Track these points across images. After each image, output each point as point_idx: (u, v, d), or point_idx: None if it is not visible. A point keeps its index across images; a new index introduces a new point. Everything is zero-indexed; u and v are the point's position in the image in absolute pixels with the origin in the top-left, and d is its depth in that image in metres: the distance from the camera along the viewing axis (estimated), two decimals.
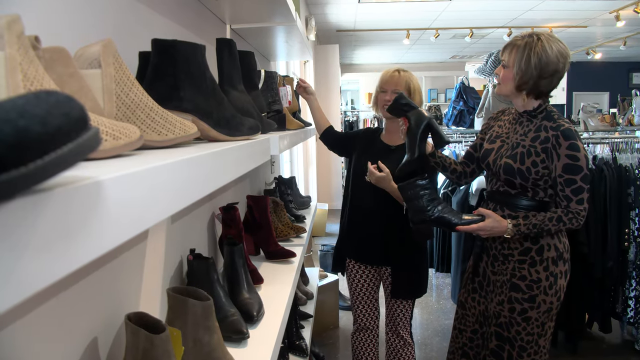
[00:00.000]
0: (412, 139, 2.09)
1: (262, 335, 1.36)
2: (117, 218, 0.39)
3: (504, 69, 2.04)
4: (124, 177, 0.40)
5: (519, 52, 1.97)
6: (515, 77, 1.98)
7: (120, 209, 0.40)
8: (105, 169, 0.43)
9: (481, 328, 2.20)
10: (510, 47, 2.02)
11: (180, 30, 1.58)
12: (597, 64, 12.00)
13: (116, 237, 0.39)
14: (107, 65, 0.72)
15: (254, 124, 1.09)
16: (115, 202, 0.39)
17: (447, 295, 4.73)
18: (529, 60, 1.94)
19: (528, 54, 1.94)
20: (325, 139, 2.78)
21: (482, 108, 3.94)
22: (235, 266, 1.51)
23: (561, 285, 2.01)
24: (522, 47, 1.96)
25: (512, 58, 1.99)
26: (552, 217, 1.92)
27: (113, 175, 0.39)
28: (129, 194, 0.41)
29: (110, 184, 0.38)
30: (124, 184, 0.40)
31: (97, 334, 0.98)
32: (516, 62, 1.97)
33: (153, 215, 0.47)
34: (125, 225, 0.41)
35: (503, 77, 2.04)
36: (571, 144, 1.91)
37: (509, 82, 2.01)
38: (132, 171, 0.42)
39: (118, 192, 0.39)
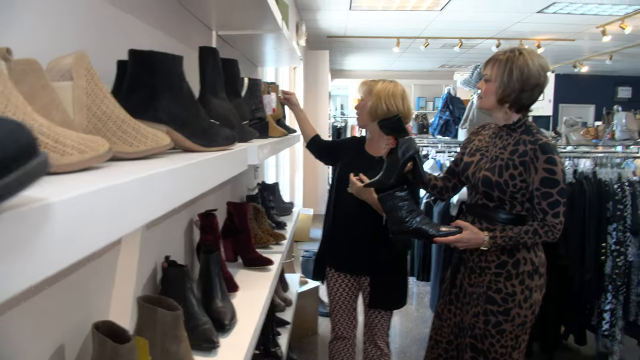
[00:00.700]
0: (393, 164, 2.10)
1: (234, 344, 1.36)
2: (67, 239, 0.39)
3: (486, 83, 2.06)
4: (76, 197, 0.41)
5: (501, 66, 1.99)
6: (498, 91, 2.01)
7: (71, 229, 0.40)
8: (59, 188, 0.43)
9: (456, 339, 2.22)
10: (492, 61, 2.05)
11: (164, 37, 1.59)
12: (583, 77, 12.14)
13: (64, 258, 0.39)
14: (78, 77, 0.72)
15: (230, 134, 1.10)
16: (65, 223, 0.39)
17: (427, 304, 4.74)
18: (511, 74, 1.97)
19: (510, 67, 1.97)
20: (311, 148, 2.79)
21: (466, 119, 3.98)
22: (210, 274, 1.51)
23: (536, 299, 2.04)
24: (504, 62, 1.99)
25: (494, 72, 2.02)
26: (528, 230, 1.95)
27: (64, 196, 0.39)
28: (82, 214, 0.42)
29: (60, 206, 0.38)
30: (76, 204, 0.41)
31: (64, 342, 0.98)
32: (498, 76, 2.00)
33: (110, 232, 0.47)
34: (77, 246, 0.41)
35: (485, 91, 2.06)
36: (548, 158, 1.93)
37: (491, 96, 2.04)
38: (86, 191, 0.43)
39: (69, 213, 0.40)
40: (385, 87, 2.38)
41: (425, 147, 5.10)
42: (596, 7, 6.19)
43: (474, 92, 4.14)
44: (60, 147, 0.59)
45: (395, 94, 2.37)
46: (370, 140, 2.55)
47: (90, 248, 0.43)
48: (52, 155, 0.57)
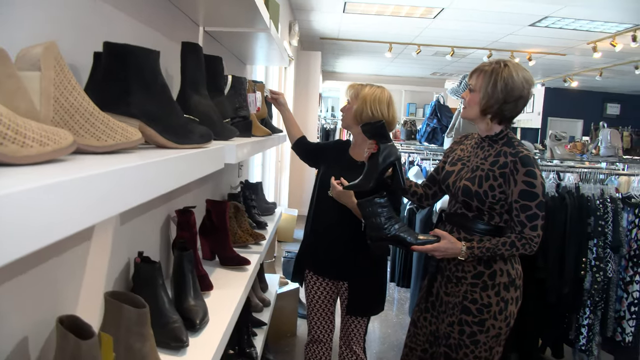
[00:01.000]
0: (373, 168, 2.11)
1: (203, 343, 1.35)
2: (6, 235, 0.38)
3: (471, 93, 2.07)
4: (18, 193, 0.40)
5: (486, 76, 2.00)
6: (481, 101, 2.01)
7: (8, 225, 0.39)
8: (7, 181, 0.42)
9: (431, 348, 2.22)
10: (477, 72, 2.06)
11: (149, 31, 1.57)
12: (573, 92, 12.25)
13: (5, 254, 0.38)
14: (47, 68, 0.71)
15: (206, 131, 1.09)
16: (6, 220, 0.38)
17: (407, 310, 4.75)
18: (496, 85, 1.98)
19: (495, 78, 1.98)
20: (297, 149, 2.79)
21: (452, 128, 3.99)
22: (183, 271, 1.50)
23: (511, 311, 2.04)
24: (489, 73, 2.00)
25: (479, 82, 2.03)
26: (505, 241, 1.95)
27: (5, 191, 0.38)
28: (20, 210, 0.41)
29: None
30: (19, 200, 0.40)
31: (27, 334, 0.96)
32: (483, 86, 2.00)
33: (58, 229, 0.46)
34: (17, 243, 0.40)
35: (469, 101, 2.07)
36: (528, 171, 1.94)
37: (475, 106, 2.05)
38: (32, 186, 0.42)
39: (10, 208, 0.39)
40: (372, 92, 2.38)
41: (412, 154, 5.12)
42: (588, 23, 6.25)
43: (461, 101, 4.16)
44: (20, 138, 0.57)
45: (382, 100, 2.38)
46: (354, 145, 2.55)
47: (25, 248, 0.42)
48: (11, 146, 0.56)
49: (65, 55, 0.77)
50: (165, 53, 1.67)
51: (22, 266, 0.93)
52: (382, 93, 2.41)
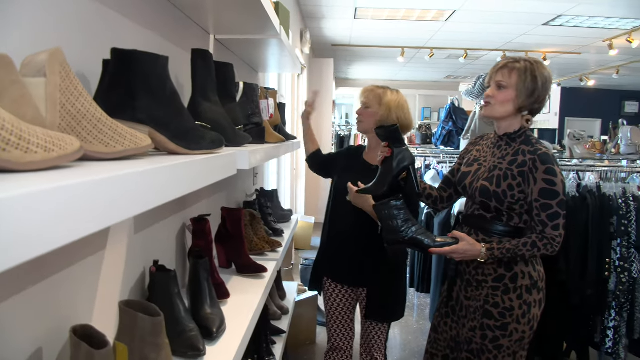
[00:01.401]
0: (387, 172, 2.10)
1: (221, 352, 1.33)
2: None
3: (501, 90, 1.99)
4: (22, 196, 0.38)
5: (521, 74, 1.94)
6: (518, 98, 1.96)
7: (7, 230, 0.38)
8: (6, 186, 0.41)
9: (452, 353, 2.18)
10: (506, 68, 1.99)
11: (160, 40, 1.57)
12: (590, 91, 12.10)
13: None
14: (52, 73, 0.70)
15: (217, 137, 1.08)
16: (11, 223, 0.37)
17: (427, 316, 4.70)
18: (536, 81, 1.93)
19: (533, 74, 1.94)
20: (310, 161, 2.80)
21: (468, 130, 3.95)
22: (199, 280, 1.48)
23: (535, 314, 1.99)
24: (522, 69, 1.95)
25: (512, 79, 1.96)
26: (526, 242, 1.91)
27: (5, 195, 0.37)
28: (31, 213, 0.40)
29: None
30: (24, 203, 0.39)
31: (42, 345, 0.95)
32: (520, 84, 1.94)
33: (58, 236, 0.45)
34: (21, 247, 0.39)
35: (500, 98, 1.98)
36: (548, 169, 1.90)
37: (508, 103, 1.98)
38: (39, 189, 0.40)
39: (14, 212, 0.38)
40: (395, 99, 2.39)
41: (428, 158, 5.08)
42: (603, 20, 6.17)
43: (477, 102, 4.12)
44: (24, 144, 0.56)
45: (404, 106, 2.40)
46: (369, 149, 2.53)
47: (25, 255, 0.40)
48: (15, 152, 0.55)
49: (74, 65, 0.76)
50: (176, 62, 1.67)
51: (36, 276, 0.93)
52: (402, 98, 2.43)
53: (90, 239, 1.13)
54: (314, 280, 2.65)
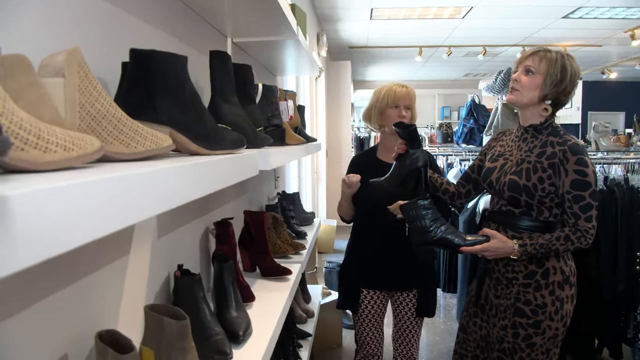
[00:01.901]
0: (399, 171, 2.08)
1: (248, 355, 1.32)
2: (18, 238, 0.35)
3: (528, 75, 1.94)
4: (35, 193, 0.37)
5: (552, 61, 1.90)
6: (545, 85, 1.91)
7: (24, 228, 0.36)
8: (22, 183, 0.39)
9: (482, 354, 2.13)
10: (537, 55, 1.94)
11: (178, 44, 1.57)
12: (612, 84, 11.90)
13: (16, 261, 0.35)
14: (70, 74, 0.69)
15: (238, 137, 1.06)
16: (21, 222, 0.35)
17: (454, 316, 4.64)
18: (565, 71, 1.90)
19: (564, 65, 1.90)
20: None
21: (491, 126, 3.89)
22: (223, 283, 1.47)
23: (567, 310, 1.94)
24: (554, 58, 1.91)
25: (542, 66, 1.91)
26: (559, 236, 1.86)
27: (22, 190, 0.36)
28: (38, 212, 0.38)
29: (14, 201, 0.35)
30: (35, 200, 0.37)
31: (67, 351, 0.94)
32: (550, 70, 1.90)
33: (79, 234, 0.44)
34: (31, 248, 0.37)
35: (528, 84, 1.93)
36: (579, 159, 1.85)
37: (534, 90, 1.93)
38: (48, 187, 0.39)
39: (24, 209, 0.36)
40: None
41: (449, 156, 5.03)
42: (624, 10, 6.05)
43: (499, 98, 4.06)
44: (43, 143, 0.55)
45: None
46: (382, 147, 2.49)
47: (49, 252, 0.39)
48: (33, 152, 0.54)
49: (92, 69, 0.75)
50: (194, 65, 1.66)
51: (61, 281, 0.92)
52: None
53: (114, 244, 1.12)
54: (350, 298, 2.50)
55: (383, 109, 2.41)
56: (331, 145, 8.21)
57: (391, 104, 2.39)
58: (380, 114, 2.43)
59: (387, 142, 2.46)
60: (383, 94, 2.42)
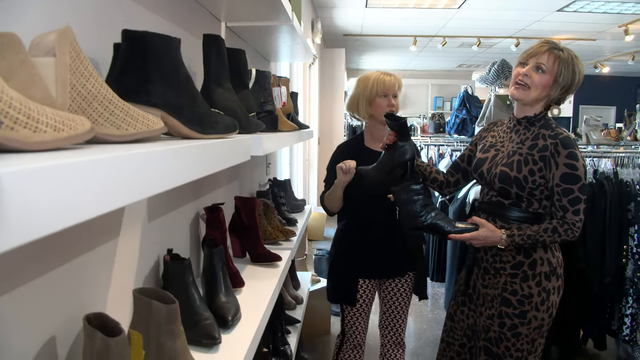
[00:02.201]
0: (387, 162, 2.09)
1: (236, 340, 1.32)
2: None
3: (538, 73, 1.92)
4: (24, 171, 0.36)
5: (563, 63, 1.90)
6: (554, 88, 1.92)
7: (15, 209, 0.36)
8: (14, 162, 0.39)
9: (469, 342, 2.15)
10: (552, 55, 1.91)
11: (171, 27, 1.55)
12: (604, 78, 11.94)
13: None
14: (62, 54, 0.68)
15: (231, 122, 1.06)
16: (10, 201, 0.35)
17: (442, 305, 4.67)
18: (574, 76, 1.91)
19: (574, 69, 1.90)
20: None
21: (483, 117, 3.90)
22: (213, 268, 1.47)
23: (553, 301, 1.96)
24: (565, 60, 1.90)
25: (555, 67, 1.90)
26: (547, 228, 1.87)
27: (11, 169, 0.35)
28: (30, 192, 0.38)
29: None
30: (25, 179, 0.37)
31: (55, 333, 0.94)
32: (560, 73, 1.90)
33: (68, 215, 0.43)
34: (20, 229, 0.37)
35: (538, 82, 1.91)
36: (570, 153, 1.86)
37: (542, 89, 1.92)
38: (38, 166, 0.38)
39: (15, 189, 0.36)
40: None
41: (441, 146, 5.03)
42: (618, 5, 6.06)
43: (492, 89, 4.06)
44: (33, 123, 0.55)
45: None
46: (369, 136, 2.49)
47: (33, 233, 0.38)
48: (23, 131, 0.53)
49: (84, 51, 0.74)
50: (188, 49, 1.64)
51: (49, 264, 0.91)
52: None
53: (103, 226, 1.11)
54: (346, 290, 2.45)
55: (372, 98, 2.39)
56: (323, 133, 8.19)
57: (380, 93, 2.37)
58: (369, 103, 2.40)
59: (375, 131, 2.45)
60: (371, 83, 2.38)
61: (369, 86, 2.38)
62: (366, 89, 2.39)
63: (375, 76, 2.40)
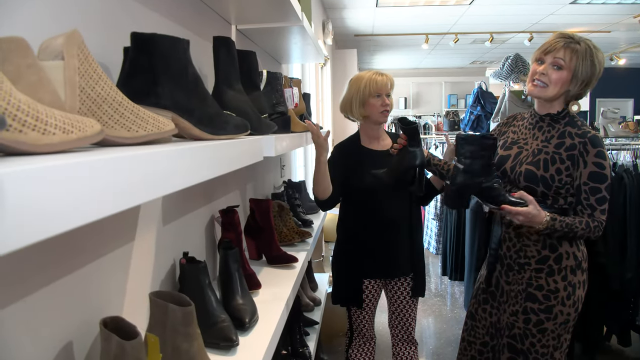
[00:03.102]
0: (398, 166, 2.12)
1: (254, 342, 1.31)
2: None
3: (556, 70, 1.88)
4: (26, 172, 0.36)
5: (580, 57, 1.85)
6: (573, 81, 1.88)
7: (18, 210, 0.35)
8: (18, 163, 0.38)
9: (492, 340, 2.12)
10: (569, 49, 1.87)
11: (182, 30, 1.55)
12: (621, 70, 11.77)
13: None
14: (70, 57, 0.68)
15: (242, 122, 1.05)
16: (12, 201, 0.34)
17: (461, 304, 4.63)
18: (594, 69, 1.87)
19: (592, 61, 1.86)
20: (328, 205, 2.39)
21: (498, 112, 3.86)
22: (229, 270, 1.47)
23: (579, 295, 1.93)
24: (582, 52, 1.86)
25: (573, 62, 1.86)
26: (582, 220, 1.85)
27: (13, 169, 0.35)
28: (33, 192, 0.37)
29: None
30: (27, 180, 0.36)
31: (72, 338, 0.94)
32: (578, 67, 1.86)
33: (79, 214, 0.43)
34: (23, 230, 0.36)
35: (556, 79, 1.88)
36: (599, 152, 1.84)
37: (561, 85, 1.89)
38: (39, 166, 0.38)
39: (17, 189, 0.35)
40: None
41: None
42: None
43: (506, 84, 4.02)
44: (41, 125, 0.54)
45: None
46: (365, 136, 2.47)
47: (40, 234, 0.38)
48: (31, 134, 0.53)
49: (93, 55, 0.74)
50: (198, 52, 1.65)
51: (65, 268, 0.91)
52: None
53: (118, 230, 1.11)
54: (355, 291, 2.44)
55: (365, 99, 2.36)
56: (337, 134, 8.14)
57: (373, 93, 2.36)
58: (362, 104, 2.37)
59: (370, 131, 2.45)
60: (364, 84, 2.36)
61: (361, 87, 2.36)
62: (359, 90, 2.36)
63: (367, 76, 2.38)
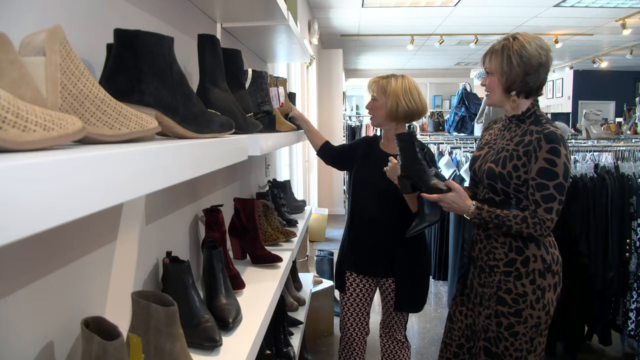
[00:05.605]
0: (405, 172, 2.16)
1: (238, 342, 1.30)
2: None
3: (489, 77, 2.00)
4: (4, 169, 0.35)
5: (498, 56, 1.94)
6: (501, 81, 1.94)
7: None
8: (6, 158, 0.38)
9: (467, 342, 2.14)
10: (489, 54, 1.99)
11: (166, 27, 1.54)
12: (603, 73, 11.93)
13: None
14: (52, 52, 0.67)
15: (227, 121, 1.04)
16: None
17: (445, 304, 4.65)
18: (511, 60, 1.90)
19: (508, 54, 1.91)
20: (322, 154, 2.72)
21: (482, 114, 3.89)
22: (213, 270, 1.46)
23: (550, 299, 1.93)
24: (500, 51, 1.94)
25: (493, 64, 1.96)
26: (517, 214, 1.86)
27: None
28: (11, 191, 0.36)
29: None
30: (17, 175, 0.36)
31: (53, 339, 0.93)
32: (498, 67, 1.93)
33: (59, 212, 0.42)
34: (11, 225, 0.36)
35: (490, 85, 2.00)
36: (552, 148, 1.83)
37: (496, 89, 1.97)
38: (19, 163, 0.37)
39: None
40: (401, 85, 2.32)
41: (441, 144, 5.02)
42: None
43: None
44: (22, 122, 0.53)
45: (412, 90, 2.35)
46: (385, 139, 2.49)
47: (24, 230, 0.37)
48: (12, 130, 0.52)
49: (77, 52, 0.73)
50: (183, 50, 1.64)
51: (46, 268, 0.90)
52: (409, 82, 2.36)
53: (100, 229, 1.10)
54: (338, 277, 2.60)
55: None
56: (323, 134, 8.17)
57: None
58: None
59: (385, 132, 2.51)
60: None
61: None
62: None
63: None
